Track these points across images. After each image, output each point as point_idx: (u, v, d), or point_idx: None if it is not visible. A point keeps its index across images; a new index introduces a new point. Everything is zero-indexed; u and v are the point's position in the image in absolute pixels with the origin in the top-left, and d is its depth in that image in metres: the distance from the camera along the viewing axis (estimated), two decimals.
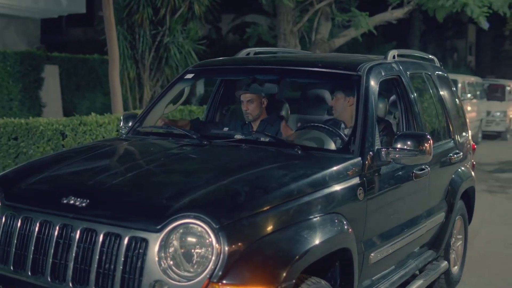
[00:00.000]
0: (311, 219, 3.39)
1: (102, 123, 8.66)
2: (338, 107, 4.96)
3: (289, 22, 15.75)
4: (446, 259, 5.56)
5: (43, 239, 3.29)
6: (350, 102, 4.88)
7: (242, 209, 3.13)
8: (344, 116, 4.91)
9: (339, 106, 4.95)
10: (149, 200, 3.25)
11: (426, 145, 4.10)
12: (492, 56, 51.01)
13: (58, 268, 3.22)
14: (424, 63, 5.66)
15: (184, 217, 3.03)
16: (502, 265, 6.75)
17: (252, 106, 5.04)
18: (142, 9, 13.77)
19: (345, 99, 4.91)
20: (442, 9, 15.27)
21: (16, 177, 3.76)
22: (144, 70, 14.42)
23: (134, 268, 3.04)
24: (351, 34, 16.17)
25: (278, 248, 3.11)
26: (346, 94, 4.88)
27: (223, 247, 2.95)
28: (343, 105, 4.93)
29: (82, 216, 3.21)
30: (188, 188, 3.28)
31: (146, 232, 3.05)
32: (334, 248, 3.46)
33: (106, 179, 3.51)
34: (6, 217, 3.47)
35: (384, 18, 16.15)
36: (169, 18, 14.20)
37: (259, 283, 2.96)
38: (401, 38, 31.45)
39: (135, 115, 5.06)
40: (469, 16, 15.52)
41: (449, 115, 5.70)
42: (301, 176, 3.54)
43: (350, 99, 4.87)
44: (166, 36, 14.33)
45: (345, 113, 4.92)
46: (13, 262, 3.36)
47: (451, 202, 5.46)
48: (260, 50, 5.63)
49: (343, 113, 4.93)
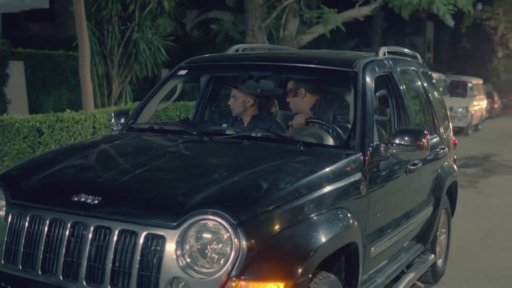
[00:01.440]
0: (321, 214, 3.42)
1: (78, 120, 8.58)
2: (294, 101, 4.97)
3: (257, 18, 15.77)
4: (432, 252, 5.67)
5: (53, 237, 3.25)
6: (302, 93, 4.91)
7: (258, 205, 3.14)
8: (302, 110, 4.92)
9: (294, 100, 4.96)
10: (164, 196, 3.23)
11: (423, 141, 4.18)
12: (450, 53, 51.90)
13: (70, 266, 3.18)
14: (410, 60, 5.74)
15: (202, 213, 3.03)
16: (481, 257, 6.90)
17: (236, 102, 5.07)
18: (111, 5, 13.62)
19: (297, 92, 4.92)
20: (408, 7, 15.46)
21: (20, 174, 3.70)
22: (112, 66, 14.28)
23: (151, 265, 3.03)
24: (318, 31, 16.28)
25: (294, 243, 3.14)
26: (296, 86, 4.91)
27: (241, 243, 2.96)
28: (297, 98, 4.94)
29: (95, 213, 3.18)
30: (201, 184, 3.28)
31: (163, 229, 3.04)
32: (344, 242, 3.51)
33: (115, 175, 3.48)
34: (12, 216, 3.41)
35: (351, 15, 16.31)
36: (138, 14, 14.08)
37: (278, 278, 2.98)
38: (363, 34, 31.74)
39: (127, 111, 5.02)
40: (427, 13, 15.80)
41: (434, 111, 5.80)
42: (310, 172, 3.58)
43: (301, 90, 4.90)
44: (135, 32, 14.22)
45: (302, 106, 4.92)
46: (22, 261, 3.31)
47: (438, 197, 5.56)
48: (249, 47, 5.64)
49: (301, 107, 4.93)
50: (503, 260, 6.84)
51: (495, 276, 6.25)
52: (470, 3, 15.65)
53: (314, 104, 4.91)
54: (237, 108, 5.02)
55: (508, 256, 6.99)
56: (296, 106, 4.92)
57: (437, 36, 51.60)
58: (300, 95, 4.89)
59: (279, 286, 2.97)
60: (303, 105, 4.89)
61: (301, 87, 4.85)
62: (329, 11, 15.22)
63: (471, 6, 15.80)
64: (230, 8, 25.11)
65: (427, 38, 51.23)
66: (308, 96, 4.90)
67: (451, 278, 6.12)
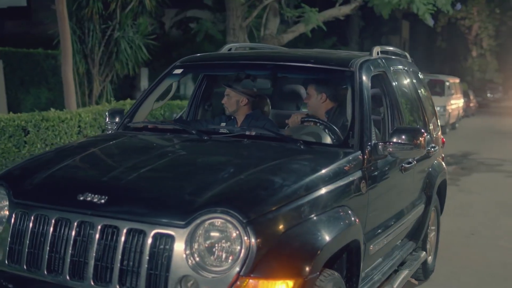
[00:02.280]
0: (325, 212, 3.45)
1: (64, 119, 8.52)
2: (311, 103, 5.01)
3: (239, 17, 15.77)
4: (424, 250, 5.73)
5: (59, 237, 3.24)
6: (323, 99, 4.96)
7: (266, 203, 3.16)
8: (318, 112, 4.97)
9: (312, 103, 5.01)
10: (171, 195, 3.24)
11: (420, 139, 4.23)
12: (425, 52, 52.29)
13: (77, 266, 3.17)
14: (401, 59, 5.80)
15: (211, 212, 3.04)
16: (468, 254, 6.99)
17: (230, 101, 5.06)
18: (92, 3, 13.55)
19: (317, 96, 4.97)
20: (388, 6, 15.58)
21: (21, 174, 3.67)
22: (93, 65, 14.20)
23: (160, 264, 3.03)
24: (299, 30, 16.35)
25: (302, 241, 3.17)
26: (318, 90, 4.96)
27: (251, 241, 2.98)
28: (316, 101, 4.99)
29: (102, 213, 3.17)
30: (207, 183, 3.29)
31: (172, 228, 3.04)
32: (349, 239, 3.54)
33: (120, 175, 3.47)
34: (16, 215, 3.39)
35: (332, 14, 16.40)
36: (119, 12, 14.02)
37: (287, 276, 3.00)
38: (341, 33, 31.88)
39: (122, 110, 5.00)
40: (403, 13, 15.96)
41: (425, 110, 5.86)
42: (314, 170, 3.60)
43: (322, 95, 4.95)
44: (116, 30, 14.15)
45: (319, 109, 4.98)
46: (27, 261, 3.29)
47: (429, 195, 5.63)
48: (241, 46, 5.65)
49: (318, 109, 4.98)
50: (490, 257, 6.94)
51: (483, 273, 6.34)
52: (449, 3, 15.82)
53: (330, 109, 4.96)
54: (230, 107, 5.02)
55: (495, 253, 7.09)
56: (314, 109, 4.96)
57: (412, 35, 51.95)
58: (321, 100, 4.93)
59: (288, 284, 2.99)
60: (321, 109, 4.93)
61: (323, 92, 4.89)
62: (311, 10, 15.29)
63: (450, 6, 15.97)
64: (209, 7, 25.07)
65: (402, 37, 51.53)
66: (328, 102, 4.95)
67: (441, 275, 6.20)
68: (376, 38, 43.05)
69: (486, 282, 6.10)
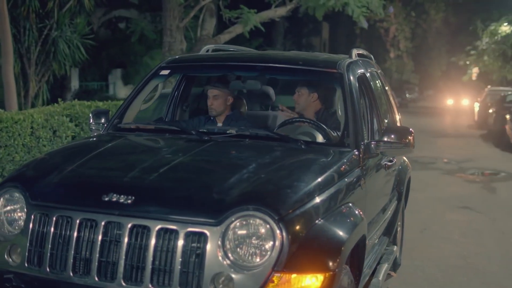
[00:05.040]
0: (338, 208, 3.59)
1: (17, 120, 8.32)
2: (302, 102, 5.17)
3: (176, 17, 15.75)
4: (394, 244, 5.96)
5: (84, 238, 3.23)
6: (314, 98, 5.12)
7: (293, 201, 3.26)
8: (307, 111, 5.12)
9: (303, 101, 5.16)
10: (200, 194, 3.28)
11: (410, 138, 4.42)
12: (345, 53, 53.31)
13: (105, 266, 3.18)
14: (370, 62, 6.00)
15: (243, 210, 3.11)
16: (426, 248, 7.30)
17: (217, 102, 5.09)
18: (29, 1, 13.27)
19: (309, 95, 5.13)
20: (322, 8, 15.93)
21: (34, 175, 3.62)
22: (29, 65, 13.89)
23: (193, 262, 3.08)
24: (236, 31, 16.47)
25: (327, 236, 3.30)
26: (310, 90, 5.11)
27: (283, 237, 3.07)
28: (306, 101, 5.15)
29: (131, 212, 3.18)
30: (231, 182, 3.35)
31: (205, 226, 3.10)
32: (361, 234, 3.69)
33: (140, 175, 3.47)
34: (35, 217, 3.35)
35: (268, 15, 16.61)
36: (57, 11, 13.77)
37: (317, 270, 3.12)
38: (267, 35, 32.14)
39: (107, 111, 4.97)
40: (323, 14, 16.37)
41: (393, 110, 6.10)
42: (325, 168, 3.73)
43: (313, 95, 5.11)
44: (54, 30, 13.89)
45: (309, 108, 5.14)
46: (49, 263, 3.27)
47: (400, 191, 5.87)
48: (219, 48, 5.71)
49: (307, 108, 5.14)
50: (446, 249, 7.27)
51: (445, 265, 6.64)
52: (381, 5, 16.35)
53: (318, 110, 5.11)
54: (218, 107, 5.05)
55: (449, 246, 7.43)
56: (303, 108, 5.09)
57: (332, 36, 52.95)
58: (312, 99, 5.06)
59: (318, 277, 3.11)
60: (310, 108, 5.06)
61: (314, 92, 5.04)
62: (249, 11, 15.45)
63: (381, 9, 16.51)
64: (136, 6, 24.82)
65: (323, 39, 52.48)
66: (317, 102, 5.10)
67: (407, 268, 6.45)
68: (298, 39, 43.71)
69: (450, 273, 6.40)
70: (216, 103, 5.06)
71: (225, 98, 5.07)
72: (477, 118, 28.31)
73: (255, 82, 5.07)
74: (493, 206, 9.98)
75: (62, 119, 9.31)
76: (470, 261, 6.84)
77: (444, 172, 13.59)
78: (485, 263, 6.78)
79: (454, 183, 12.18)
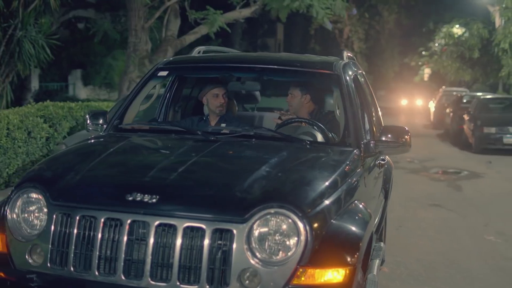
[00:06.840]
0: (349, 205, 3.73)
1: None
2: (295, 104, 5.28)
3: (141, 18, 15.74)
4: (381, 240, 6.13)
5: (109, 237, 3.28)
6: (307, 99, 5.24)
7: (313, 198, 3.38)
8: (301, 112, 5.24)
9: (296, 103, 5.27)
10: (224, 192, 3.37)
11: (406, 137, 4.58)
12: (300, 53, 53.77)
13: (131, 265, 3.23)
14: (356, 63, 6.15)
15: (269, 207, 3.22)
16: (403, 245, 7.49)
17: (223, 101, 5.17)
18: None
19: (302, 97, 5.24)
20: (286, 9, 16.13)
21: (53, 175, 3.65)
22: None
23: (220, 259, 3.16)
24: (201, 32, 16.55)
25: (346, 232, 3.44)
26: (302, 92, 5.22)
27: (308, 233, 3.19)
28: (299, 102, 5.26)
29: (157, 211, 3.24)
30: (252, 180, 3.44)
31: (231, 224, 3.18)
32: (371, 231, 3.82)
33: (160, 174, 3.53)
34: (57, 218, 3.38)
35: (233, 16, 16.76)
36: (21, 11, 13.55)
37: (340, 264, 3.25)
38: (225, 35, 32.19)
39: (105, 112, 4.99)
40: (277, 15, 16.60)
41: (378, 110, 6.26)
42: (337, 167, 3.86)
43: (306, 96, 5.23)
44: (18, 29, 13.67)
45: (302, 109, 5.25)
46: (73, 263, 3.31)
47: (386, 189, 6.04)
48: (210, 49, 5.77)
49: (300, 110, 5.26)
50: (424, 246, 7.49)
51: (425, 261, 6.84)
52: (344, 7, 16.64)
53: (312, 111, 5.22)
54: (224, 107, 5.15)
55: (427, 242, 7.66)
56: (296, 109, 5.19)
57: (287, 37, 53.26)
58: (305, 101, 5.16)
59: (340, 271, 3.23)
60: (303, 109, 5.17)
61: (307, 93, 5.14)
62: (215, 12, 15.54)
63: (344, 11, 16.82)
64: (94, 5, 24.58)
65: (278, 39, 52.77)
66: (310, 103, 5.21)
67: (390, 264, 6.63)
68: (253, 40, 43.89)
69: (432, 268, 6.60)
70: (224, 103, 5.14)
71: (226, 99, 5.16)
72: (433, 118, 28.90)
73: (254, 83, 5.16)
74: (461, 203, 10.30)
75: (37, 120, 9.26)
76: (448, 257, 7.05)
77: (409, 171, 13.91)
78: (464, 258, 7.01)
79: (420, 182, 12.49)
